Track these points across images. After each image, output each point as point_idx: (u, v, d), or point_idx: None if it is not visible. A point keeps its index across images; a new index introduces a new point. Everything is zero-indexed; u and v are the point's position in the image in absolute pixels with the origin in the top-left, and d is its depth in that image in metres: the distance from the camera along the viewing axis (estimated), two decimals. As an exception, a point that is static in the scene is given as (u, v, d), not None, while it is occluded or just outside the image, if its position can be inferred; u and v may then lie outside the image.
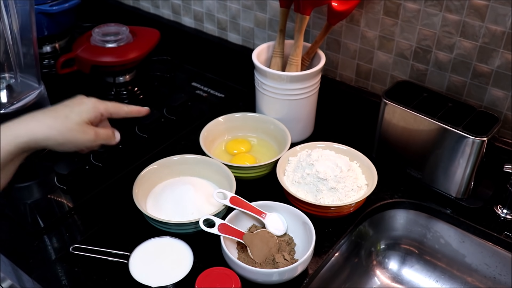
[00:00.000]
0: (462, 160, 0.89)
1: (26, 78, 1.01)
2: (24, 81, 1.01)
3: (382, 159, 1.01)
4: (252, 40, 1.24)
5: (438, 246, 0.95)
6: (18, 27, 0.94)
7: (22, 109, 0.99)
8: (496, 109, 0.95)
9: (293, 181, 0.91)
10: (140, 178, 0.90)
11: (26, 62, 0.99)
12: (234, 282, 0.72)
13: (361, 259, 0.96)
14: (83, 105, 0.81)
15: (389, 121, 0.96)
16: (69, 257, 0.83)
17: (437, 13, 0.93)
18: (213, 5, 1.25)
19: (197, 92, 1.21)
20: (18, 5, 0.93)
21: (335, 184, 0.88)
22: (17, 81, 1.00)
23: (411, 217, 0.96)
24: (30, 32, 0.96)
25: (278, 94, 1.00)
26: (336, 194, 0.88)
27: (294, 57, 1.00)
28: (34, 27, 0.96)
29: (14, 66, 0.98)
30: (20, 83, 1.01)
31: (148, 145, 1.05)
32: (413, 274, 0.98)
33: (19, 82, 1.00)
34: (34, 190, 0.96)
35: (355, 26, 1.05)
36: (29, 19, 0.95)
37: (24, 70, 1.00)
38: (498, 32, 0.89)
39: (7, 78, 1.00)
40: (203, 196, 0.89)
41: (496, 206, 0.92)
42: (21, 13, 0.94)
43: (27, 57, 0.99)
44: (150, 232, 0.85)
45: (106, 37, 1.17)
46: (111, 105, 0.84)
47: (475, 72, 0.94)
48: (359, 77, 1.10)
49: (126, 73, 1.20)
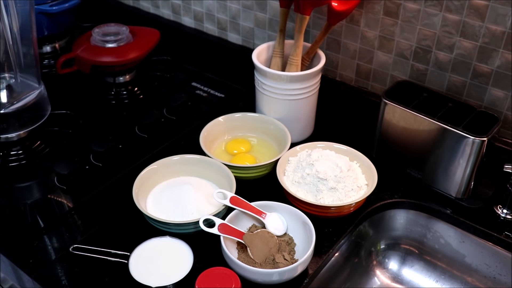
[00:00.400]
0: (462, 160, 0.89)
1: (26, 78, 1.01)
2: (24, 81, 1.01)
3: (382, 159, 1.01)
4: (252, 40, 1.24)
5: (438, 246, 0.95)
6: (18, 27, 0.94)
7: (22, 109, 0.99)
8: (496, 109, 0.95)
9: (293, 181, 0.91)
10: (140, 178, 0.90)
11: (26, 62, 0.99)
12: (234, 282, 0.72)
13: (361, 259, 0.96)
14: None
15: (389, 121, 0.96)
16: (69, 257, 0.83)
17: (437, 13, 0.93)
18: (213, 5, 1.25)
19: (197, 92, 1.21)
20: (18, 5, 0.93)
21: (335, 184, 0.88)
22: (17, 81, 1.00)
23: (411, 217, 0.96)
24: (30, 32, 0.96)
25: (278, 94, 1.00)
26: (336, 194, 0.88)
27: (294, 57, 1.00)
28: (34, 27, 0.96)
29: (14, 66, 0.98)
30: (20, 83, 1.01)
31: (148, 145, 1.05)
32: (413, 274, 0.98)
33: (19, 82, 1.00)
34: (34, 190, 0.96)
35: (355, 26, 1.05)
36: (29, 19, 0.95)
37: (24, 70, 1.00)
38: (498, 32, 0.89)
39: (7, 78, 1.00)
40: (203, 196, 0.89)
41: (496, 206, 0.92)
42: (21, 13, 0.94)
43: (27, 57, 0.99)
44: (150, 232, 0.85)
45: (106, 37, 1.17)
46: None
47: (475, 72, 0.94)
48: (359, 77, 1.10)
49: (126, 73, 1.20)
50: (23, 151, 1.01)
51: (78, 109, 1.13)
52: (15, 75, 1.00)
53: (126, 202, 0.89)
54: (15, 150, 1.01)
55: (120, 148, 1.03)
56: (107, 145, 1.00)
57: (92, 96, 1.19)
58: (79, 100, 1.17)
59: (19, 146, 1.02)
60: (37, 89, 1.01)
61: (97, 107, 1.16)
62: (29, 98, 1.00)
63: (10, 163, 1.00)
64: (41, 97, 1.02)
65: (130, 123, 1.10)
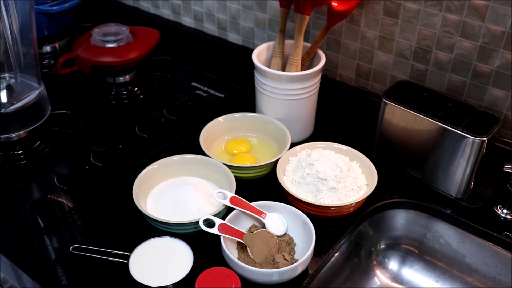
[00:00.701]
0: (462, 160, 0.89)
1: (26, 78, 1.01)
2: (24, 81, 1.01)
3: (382, 159, 1.01)
4: (252, 40, 1.24)
5: (438, 246, 0.95)
6: (18, 27, 0.94)
7: (22, 109, 0.99)
8: (496, 109, 0.95)
9: (293, 181, 0.91)
10: (140, 178, 0.90)
11: (26, 62, 0.99)
12: (234, 282, 0.72)
13: (361, 259, 0.96)
14: None
15: (389, 121, 0.96)
16: (69, 257, 0.83)
17: (437, 13, 0.93)
18: (213, 5, 1.25)
19: (197, 92, 1.21)
20: (18, 5, 0.93)
21: (335, 184, 0.88)
22: (17, 81, 1.00)
23: (411, 217, 0.96)
24: (30, 32, 0.96)
25: (278, 94, 1.00)
26: (336, 194, 0.88)
27: (294, 57, 1.00)
28: (34, 27, 0.96)
29: (14, 66, 0.98)
30: (20, 83, 1.01)
31: (148, 145, 1.05)
32: (413, 274, 0.98)
33: (19, 82, 1.01)
34: (34, 190, 0.96)
35: (355, 26, 1.05)
36: (29, 19, 0.95)
37: (24, 70, 1.00)
38: (498, 32, 0.89)
39: (7, 78, 1.00)
40: (203, 196, 0.89)
41: (496, 206, 0.92)
42: (21, 13, 0.94)
43: (27, 57, 0.99)
44: (150, 232, 0.85)
45: (106, 37, 1.17)
46: None
47: (475, 72, 0.94)
48: (359, 77, 1.10)
49: (126, 73, 1.20)
50: (23, 151, 1.01)
51: (78, 109, 1.13)
52: (15, 75, 1.00)
53: (126, 202, 0.89)
54: (15, 150, 1.01)
55: (120, 148, 1.03)
56: (107, 145, 1.00)
57: (92, 96, 1.19)
58: (79, 100, 1.17)
59: (19, 146, 1.02)
60: (37, 89, 1.01)
61: (97, 107, 1.16)
62: (29, 98, 1.00)
63: (10, 163, 1.00)
64: (41, 97, 1.02)
65: (130, 123, 1.10)
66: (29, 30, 0.96)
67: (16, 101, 0.98)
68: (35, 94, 1.01)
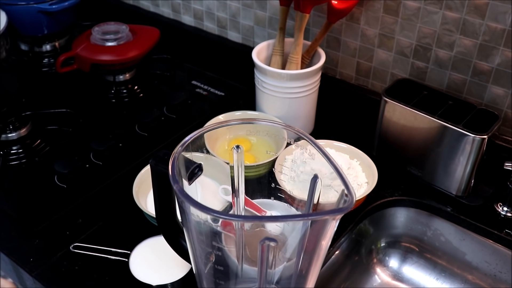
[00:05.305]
0: (462, 158, 0.89)
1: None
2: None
3: (382, 157, 1.01)
4: (252, 39, 1.24)
5: (438, 244, 0.95)
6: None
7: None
8: (496, 106, 0.95)
9: (290, 179, 0.91)
10: (140, 177, 0.90)
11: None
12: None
13: (362, 257, 0.96)
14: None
15: (389, 119, 0.96)
16: (70, 255, 0.83)
17: (437, 11, 0.93)
18: (213, 3, 1.25)
19: (197, 90, 1.21)
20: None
21: (330, 182, 0.88)
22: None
23: (412, 215, 0.96)
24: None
25: (278, 92, 1.00)
26: (332, 192, 0.88)
27: (294, 55, 1.00)
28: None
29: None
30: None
31: (148, 143, 1.05)
32: (414, 272, 0.98)
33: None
34: (34, 189, 0.96)
35: (355, 24, 1.05)
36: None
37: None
38: (498, 29, 0.89)
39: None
40: (204, 193, 0.89)
41: (497, 204, 0.92)
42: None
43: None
44: (150, 231, 0.85)
45: (106, 36, 1.17)
46: None
47: (475, 70, 0.94)
48: (359, 75, 1.10)
49: (126, 71, 1.20)
50: (23, 150, 1.01)
51: (78, 107, 1.13)
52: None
53: (126, 200, 0.89)
54: (15, 149, 1.01)
55: (120, 146, 1.03)
56: (107, 143, 1.00)
57: (92, 94, 1.19)
58: (79, 99, 1.17)
59: (19, 145, 1.02)
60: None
61: (97, 105, 1.16)
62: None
63: (10, 162, 1.00)
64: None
65: (130, 121, 1.10)
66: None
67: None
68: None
